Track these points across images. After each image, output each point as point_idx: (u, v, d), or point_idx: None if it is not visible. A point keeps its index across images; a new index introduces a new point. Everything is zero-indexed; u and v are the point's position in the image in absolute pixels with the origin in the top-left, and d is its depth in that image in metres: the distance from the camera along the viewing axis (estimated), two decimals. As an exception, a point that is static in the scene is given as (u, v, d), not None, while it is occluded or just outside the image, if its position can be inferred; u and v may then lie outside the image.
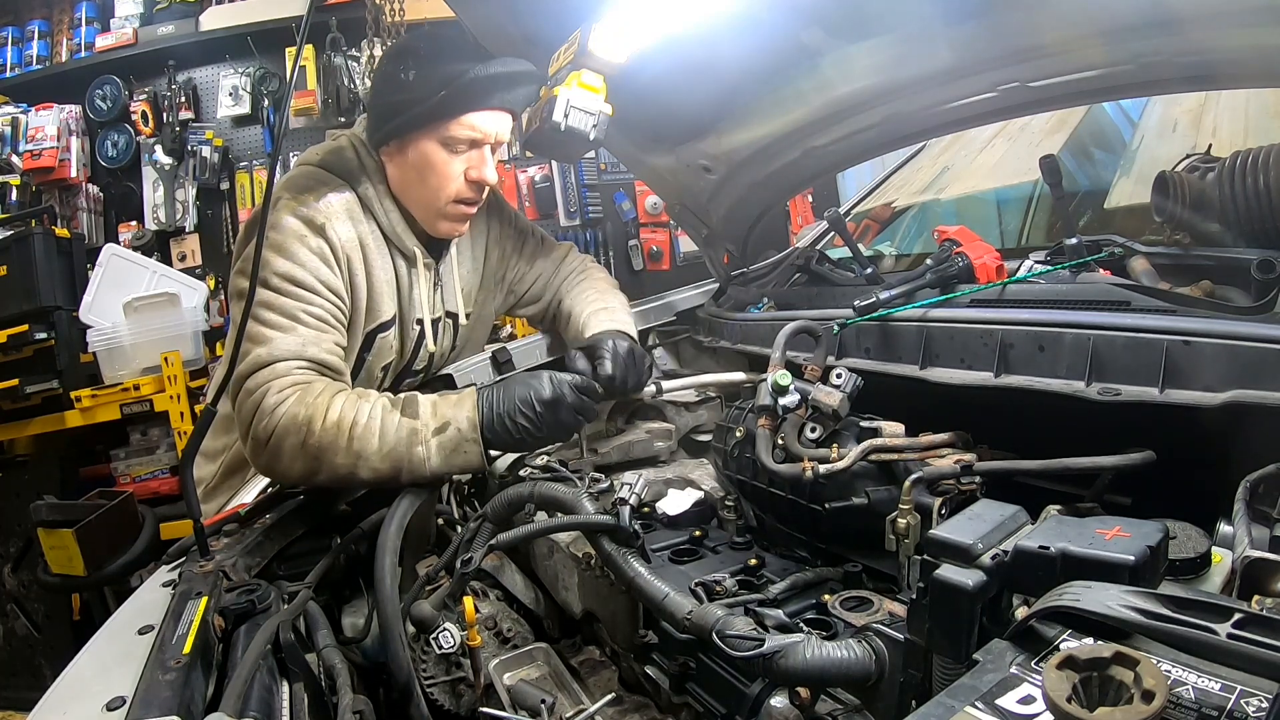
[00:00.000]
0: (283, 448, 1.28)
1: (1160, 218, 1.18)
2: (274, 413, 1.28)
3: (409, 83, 1.42)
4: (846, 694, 0.79)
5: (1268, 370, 0.78)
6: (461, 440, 1.26)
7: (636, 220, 3.71)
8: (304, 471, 1.30)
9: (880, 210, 2.37)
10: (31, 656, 3.09)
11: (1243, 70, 1.11)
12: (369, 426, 1.27)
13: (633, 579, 0.93)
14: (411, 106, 1.42)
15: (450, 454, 1.26)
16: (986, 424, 1.06)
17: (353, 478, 1.28)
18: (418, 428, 1.27)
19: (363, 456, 1.26)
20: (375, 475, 1.27)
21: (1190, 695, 0.47)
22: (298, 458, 1.28)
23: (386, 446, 1.26)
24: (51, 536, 2.17)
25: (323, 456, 1.26)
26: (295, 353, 1.34)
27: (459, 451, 1.27)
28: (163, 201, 3.61)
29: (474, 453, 1.27)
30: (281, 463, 1.30)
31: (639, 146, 1.88)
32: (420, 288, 1.57)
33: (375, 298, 1.51)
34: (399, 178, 1.50)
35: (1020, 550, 0.63)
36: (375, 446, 1.26)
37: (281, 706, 0.84)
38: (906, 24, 1.33)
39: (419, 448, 1.26)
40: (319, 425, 1.26)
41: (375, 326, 1.53)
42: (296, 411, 1.27)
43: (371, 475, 1.27)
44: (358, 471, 1.27)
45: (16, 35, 3.72)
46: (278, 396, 1.29)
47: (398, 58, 1.48)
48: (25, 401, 2.91)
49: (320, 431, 1.26)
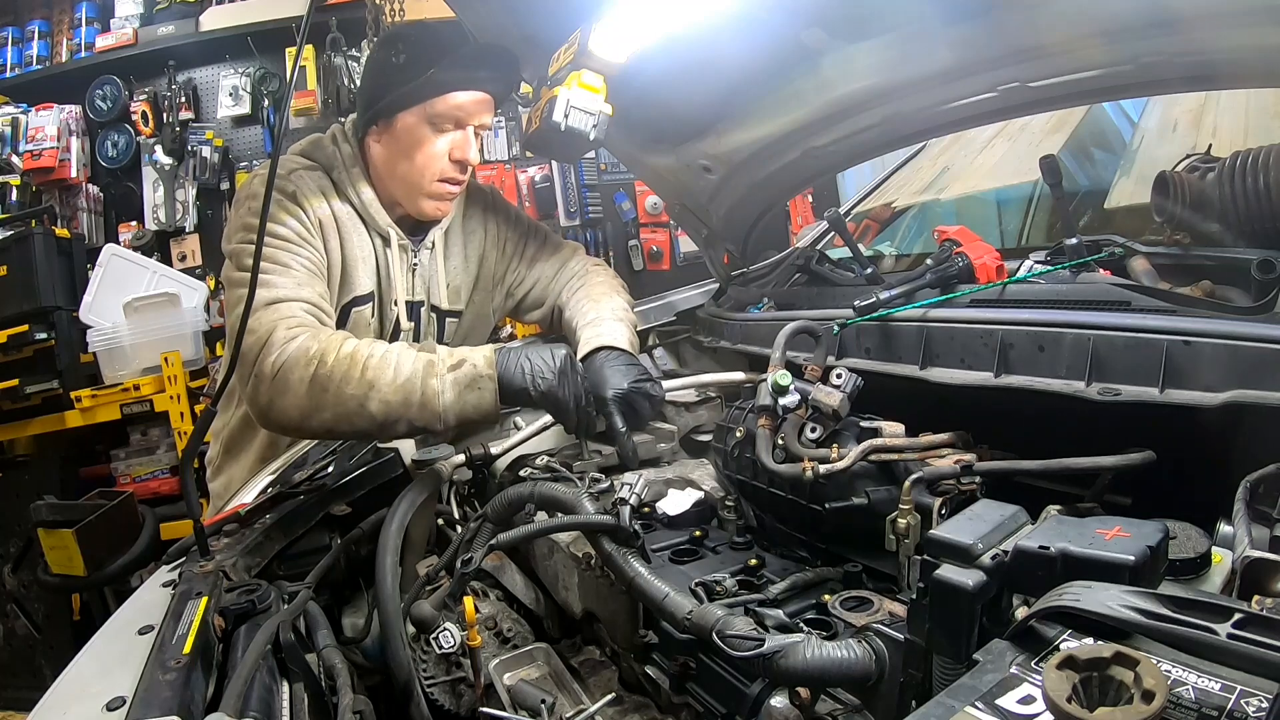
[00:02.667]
0: (290, 380, 1.28)
1: (1160, 218, 1.18)
2: (284, 345, 1.30)
3: (400, 65, 1.50)
4: (846, 694, 0.79)
5: (1268, 370, 0.78)
6: (477, 376, 1.28)
7: (636, 220, 3.71)
8: (307, 406, 1.30)
9: (880, 210, 2.37)
10: (31, 656, 3.09)
11: (1243, 70, 1.11)
12: (385, 359, 1.29)
13: (633, 579, 0.93)
14: (402, 85, 1.49)
15: (465, 389, 1.28)
16: (986, 424, 1.06)
17: (359, 412, 1.28)
18: (434, 361, 1.30)
19: (375, 386, 1.26)
20: (384, 409, 1.27)
21: (1190, 695, 0.47)
22: (304, 389, 1.28)
23: (401, 377, 1.27)
24: (51, 536, 2.17)
25: (331, 387, 1.27)
26: (294, 294, 1.38)
27: (473, 387, 1.28)
28: (163, 201, 3.61)
29: (489, 390, 1.28)
30: (286, 397, 1.30)
31: (639, 146, 1.88)
32: (395, 268, 1.60)
33: (350, 269, 1.55)
34: (385, 157, 1.56)
35: (1020, 550, 0.62)
36: (389, 377, 1.27)
37: (281, 706, 0.84)
38: (906, 24, 1.33)
39: (434, 380, 1.27)
40: (332, 357, 1.28)
41: (350, 299, 1.56)
42: (309, 345, 1.30)
43: (380, 409, 1.27)
44: (367, 403, 1.27)
45: (16, 35, 3.72)
46: (287, 332, 1.31)
47: (389, 44, 1.58)
48: (25, 401, 2.91)
49: (334, 362, 1.28)
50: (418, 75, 1.47)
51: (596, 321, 1.62)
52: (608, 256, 3.67)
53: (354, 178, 1.56)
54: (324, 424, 1.32)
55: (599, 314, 1.65)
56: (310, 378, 1.28)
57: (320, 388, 1.28)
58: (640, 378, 1.43)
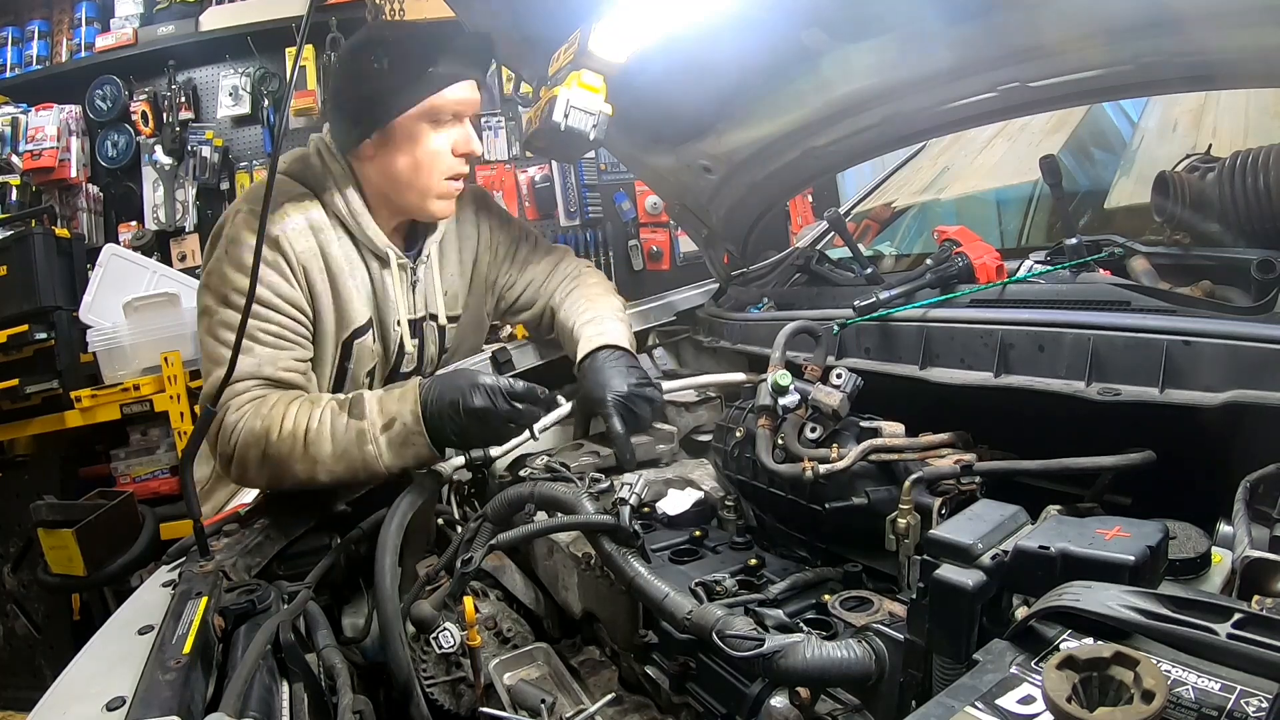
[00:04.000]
0: (247, 461, 1.33)
1: (1160, 218, 1.18)
2: (234, 430, 1.33)
3: (385, 70, 1.41)
4: (846, 694, 0.79)
5: (1268, 370, 0.78)
6: (408, 434, 1.29)
7: (636, 220, 3.71)
8: (270, 480, 1.36)
9: (880, 210, 2.37)
10: (31, 656, 3.09)
11: (1243, 70, 1.11)
12: (320, 432, 1.30)
13: (633, 579, 0.93)
14: (396, 90, 1.42)
15: (400, 448, 1.29)
16: (986, 424, 1.06)
17: (314, 482, 1.32)
18: (364, 428, 1.30)
19: (319, 462, 1.30)
20: (334, 478, 1.31)
21: (1190, 695, 0.47)
22: (262, 469, 1.33)
23: (339, 449, 1.30)
24: (51, 536, 2.17)
25: (282, 465, 1.31)
26: (252, 373, 1.37)
27: (408, 445, 1.29)
28: (163, 201, 3.61)
29: (421, 444, 1.29)
30: (249, 475, 1.36)
31: (639, 146, 1.88)
32: (396, 289, 1.57)
33: (344, 305, 1.51)
34: (384, 169, 1.49)
35: (1020, 550, 0.62)
36: (329, 450, 1.30)
37: (281, 706, 0.84)
38: (906, 24, 1.33)
39: (369, 446, 1.29)
40: (275, 436, 1.30)
41: (350, 333, 1.53)
42: (254, 425, 1.31)
43: (330, 479, 1.31)
44: (317, 476, 1.31)
45: (16, 35, 3.72)
46: (236, 415, 1.33)
47: (365, 50, 1.47)
48: (25, 401, 2.90)
49: (277, 441, 1.30)
50: (413, 75, 1.42)
51: (597, 320, 1.60)
52: (608, 256, 3.67)
53: (348, 198, 1.49)
54: (291, 487, 1.36)
55: (598, 313, 1.63)
56: (262, 457, 1.31)
57: (274, 464, 1.31)
58: (641, 380, 1.43)
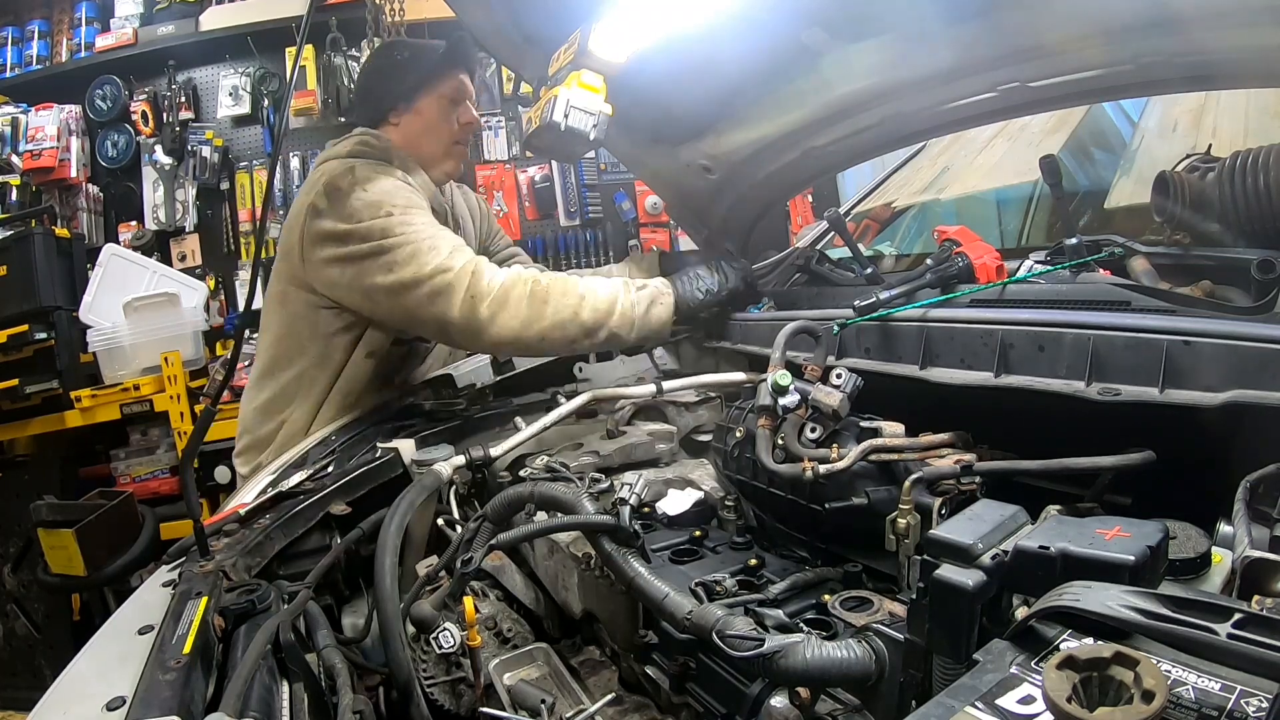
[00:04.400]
0: (510, 296, 1.55)
1: (1160, 218, 1.18)
2: (497, 275, 1.57)
3: (407, 60, 1.84)
4: (846, 694, 0.79)
5: (1268, 370, 0.78)
6: (659, 294, 1.64)
7: (636, 220, 3.71)
8: (528, 316, 1.56)
9: (880, 210, 2.37)
10: (31, 656, 3.09)
11: (1243, 70, 1.11)
12: (588, 281, 1.61)
13: (633, 579, 0.93)
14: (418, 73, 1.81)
15: (651, 305, 1.62)
16: (986, 424, 1.06)
17: (573, 320, 1.57)
18: (628, 282, 1.64)
19: (587, 297, 1.58)
20: (594, 315, 1.58)
21: (1190, 695, 0.47)
22: (525, 304, 1.56)
23: (605, 291, 1.60)
24: (51, 536, 2.18)
25: (551, 299, 1.56)
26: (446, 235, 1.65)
27: (656, 302, 1.63)
28: (163, 201, 3.61)
29: (668, 304, 1.64)
30: (507, 309, 1.56)
31: (639, 146, 1.88)
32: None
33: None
34: (410, 133, 1.85)
35: (1020, 550, 0.62)
36: (597, 289, 1.60)
37: (281, 706, 0.83)
38: (906, 24, 1.33)
39: (631, 293, 1.61)
40: (546, 279, 1.59)
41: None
42: (520, 272, 1.59)
43: (590, 316, 1.58)
44: (580, 311, 1.57)
45: (16, 35, 3.72)
46: (494, 269, 1.59)
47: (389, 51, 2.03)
48: (25, 401, 2.91)
49: (549, 281, 1.59)
50: (430, 64, 1.80)
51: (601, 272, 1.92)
52: (608, 256, 3.67)
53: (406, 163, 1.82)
54: (539, 332, 1.57)
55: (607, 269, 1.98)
56: (529, 293, 1.56)
57: (540, 300, 1.56)
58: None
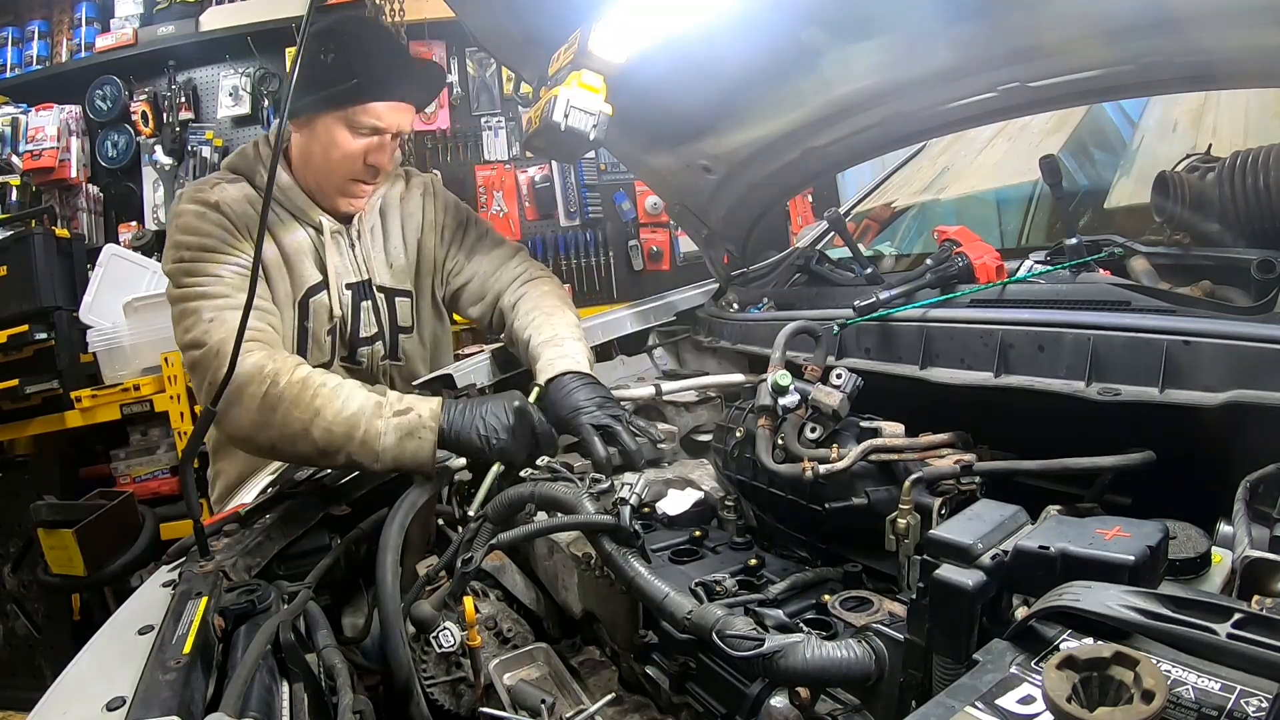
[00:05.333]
0: (243, 394, 1.32)
1: (1160, 218, 1.18)
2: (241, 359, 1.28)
3: (326, 64, 1.50)
4: (846, 694, 0.79)
5: (1268, 370, 0.78)
6: (419, 425, 1.30)
7: (636, 220, 3.71)
8: (255, 422, 1.34)
9: (880, 210, 2.37)
10: (31, 656, 3.08)
11: (1243, 70, 1.11)
12: (336, 390, 1.33)
13: (633, 579, 0.93)
14: (325, 87, 1.49)
15: (405, 437, 1.30)
16: (986, 424, 1.06)
17: (302, 436, 1.31)
18: (383, 403, 1.33)
19: (320, 414, 1.30)
20: (326, 437, 1.30)
21: (1190, 695, 0.47)
22: (255, 406, 1.32)
23: (348, 411, 1.31)
24: (51, 536, 2.18)
25: (280, 407, 1.31)
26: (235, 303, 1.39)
27: (413, 436, 1.30)
28: (163, 202, 3.60)
29: (428, 441, 1.30)
30: (238, 409, 1.33)
31: (639, 146, 1.88)
32: (334, 253, 1.64)
33: (293, 264, 1.60)
34: (304, 150, 1.59)
35: (1020, 550, 0.62)
36: (336, 408, 1.31)
37: (281, 706, 0.83)
38: (906, 24, 1.33)
39: (379, 420, 1.31)
40: (284, 379, 1.32)
41: (305, 292, 1.61)
42: (264, 363, 1.33)
43: (322, 436, 1.30)
44: (310, 429, 1.30)
45: (16, 35, 3.72)
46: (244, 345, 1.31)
47: (323, 38, 1.53)
48: (25, 401, 2.90)
49: (285, 385, 1.32)
50: (341, 81, 1.48)
51: (556, 341, 1.57)
52: (608, 256, 3.67)
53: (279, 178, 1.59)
54: (269, 441, 1.36)
55: (556, 332, 1.60)
56: (263, 395, 1.32)
57: (270, 407, 1.32)
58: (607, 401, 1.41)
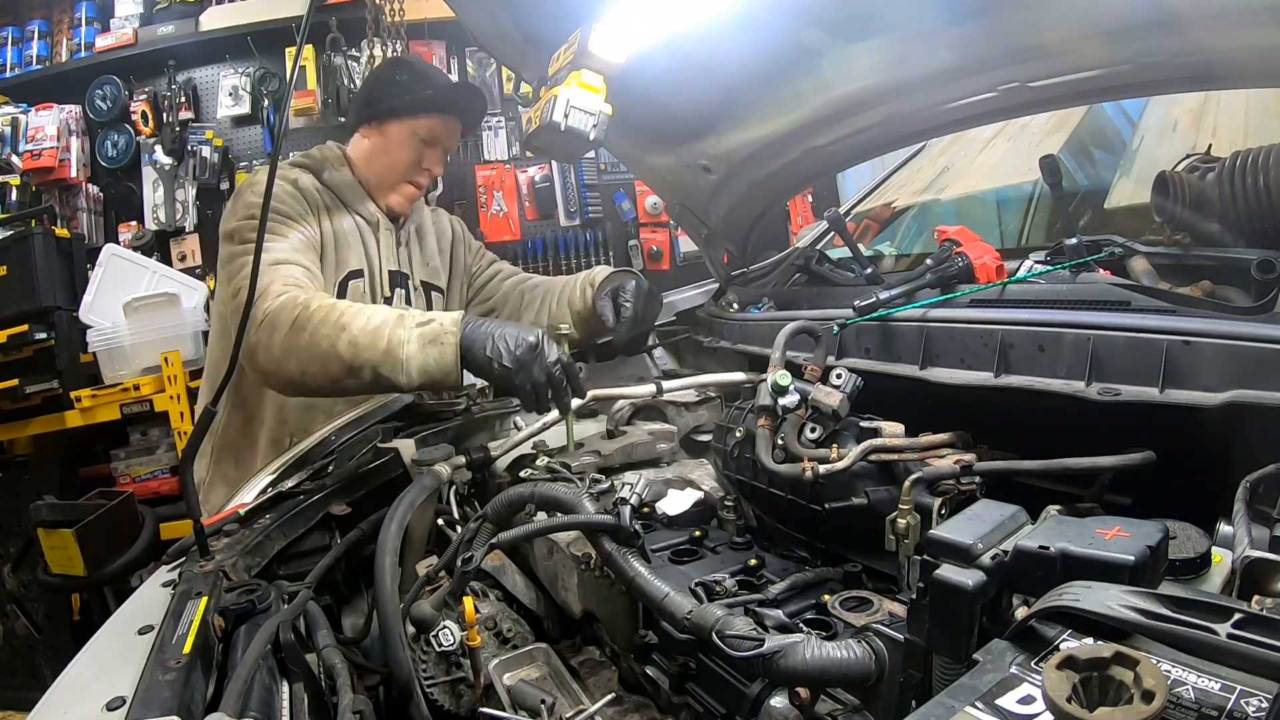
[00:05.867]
0: (277, 322, 1.43)
1: (1160, 218, 1.18)
2: (278, 296, 1.46)
3: (401, 82, 1.84)
4: (846, 694, 0.79)
5: (1268, 370, 0.78)
6: (441, 332, 1.37)
7: (636, 220, 3.71)
8: (287, 345, 1.43)
9: (880, 210, 2.37)
10: (31, 656, 3.08)
11: (1243, 70, 1.12)
12: (361, 310, 1.43)
13: (633, 579, 0.93)
14: (400, 96, 1.80)
15: (428, 344, 1.36)
16: (986, 424, 1.06)
17: (330, 353, 1.39)
18: (405, 315, 1.42)
19: (346, 329, 1.38)
20: (352, 350, 1.38)
21: (1190, 695, 0.47)
22: (286, 331, 1.42)
23: (373, 324, 1.39)
24: (51, 536, 2.18)
25: (309, 327, 1.40)
26: (292, 257, 1.57)
27: (436, 342, 1.36)
28: (163, 201, 3.60)
29: (450, 345, 1.36)
30: (272, 336, 1.43)
31: (639, 146, 1.88)
32: (383, 246, 1.85)
33: (341, 247, 1.77)
34: (370, 150, 1.84)
35: (1020, 550, 0.62)
36: (361, 323, 1.39)
37: (281, 706, 0.83)
38: (906, 24, 1.33)
39: (401, 330, 1.38)
40: (315, 304, 1.43)
41: (345, 275, 1.78)
42: (297, 295, 1.47)
43: (348, 350, 1.38)
44: (337, 343, 1.38)
45: (16, 35, 3.71)
46: (283, 286, 1.49)
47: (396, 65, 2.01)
48: (25, 401, 2.90)
49: (315, 308, 1.42)
50: (417, 94, 1.79)
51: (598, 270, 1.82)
52: (608, 256, 3.67)
53: (341, 173, 1.82)
54: (300, 365, 1.43)
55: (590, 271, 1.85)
56: (294, 320, 1.42)
57: (300, 328, 1.41)
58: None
